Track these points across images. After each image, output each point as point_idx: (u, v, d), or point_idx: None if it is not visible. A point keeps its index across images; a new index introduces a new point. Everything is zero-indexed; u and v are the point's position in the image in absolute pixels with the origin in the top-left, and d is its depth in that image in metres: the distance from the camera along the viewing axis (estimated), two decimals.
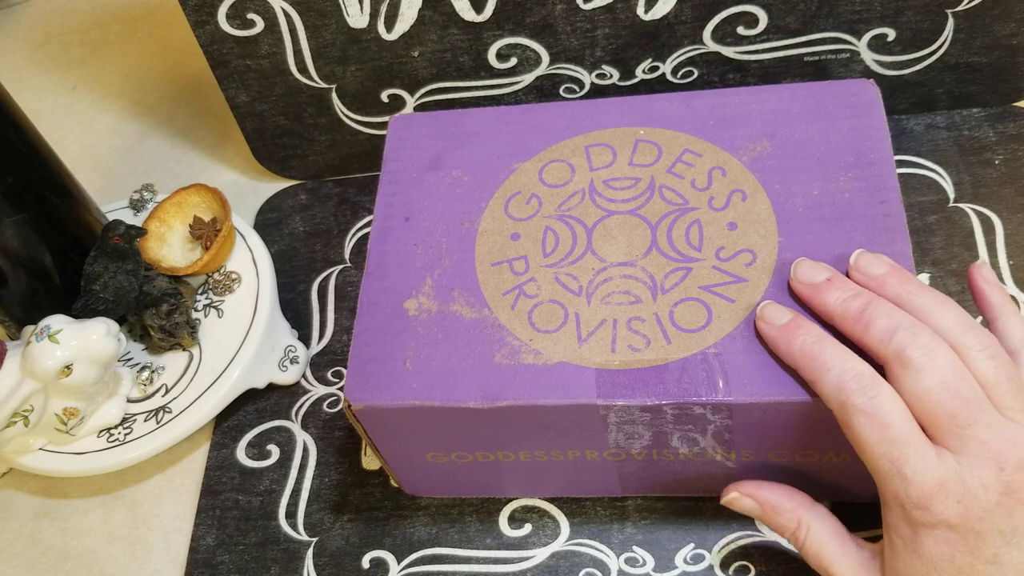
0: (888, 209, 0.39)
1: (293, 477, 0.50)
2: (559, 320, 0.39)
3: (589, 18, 0.52)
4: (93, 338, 0.45)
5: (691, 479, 0.42)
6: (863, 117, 0.42)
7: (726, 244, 0.39)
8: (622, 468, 0.42)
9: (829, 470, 0.39)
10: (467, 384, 0.38)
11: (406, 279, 0.42)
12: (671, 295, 0.39)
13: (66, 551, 0.50)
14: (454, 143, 0.45)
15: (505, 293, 0.40)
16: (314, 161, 0.62)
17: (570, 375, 0.37)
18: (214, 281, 0.53)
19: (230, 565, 0.47)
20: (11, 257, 0.49)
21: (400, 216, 0.44)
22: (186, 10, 0.53)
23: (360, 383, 0.39)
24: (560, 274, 0.40)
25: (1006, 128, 0.54)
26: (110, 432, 0.49)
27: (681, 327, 0.38)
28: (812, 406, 0.35)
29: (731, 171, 0.42)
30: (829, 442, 0.37)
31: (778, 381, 0.36)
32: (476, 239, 0.42)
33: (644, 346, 0.37)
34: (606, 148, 0.44)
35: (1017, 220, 0.51)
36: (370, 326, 0.41)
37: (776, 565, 0.42)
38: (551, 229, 0.42)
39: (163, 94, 0.73)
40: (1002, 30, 0.52)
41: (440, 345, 0.39)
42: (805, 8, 0.51)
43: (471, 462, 0.42)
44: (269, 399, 0.53)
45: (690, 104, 0.44)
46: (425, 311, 0.40)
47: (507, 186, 0.43)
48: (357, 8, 0.53)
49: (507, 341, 0.39)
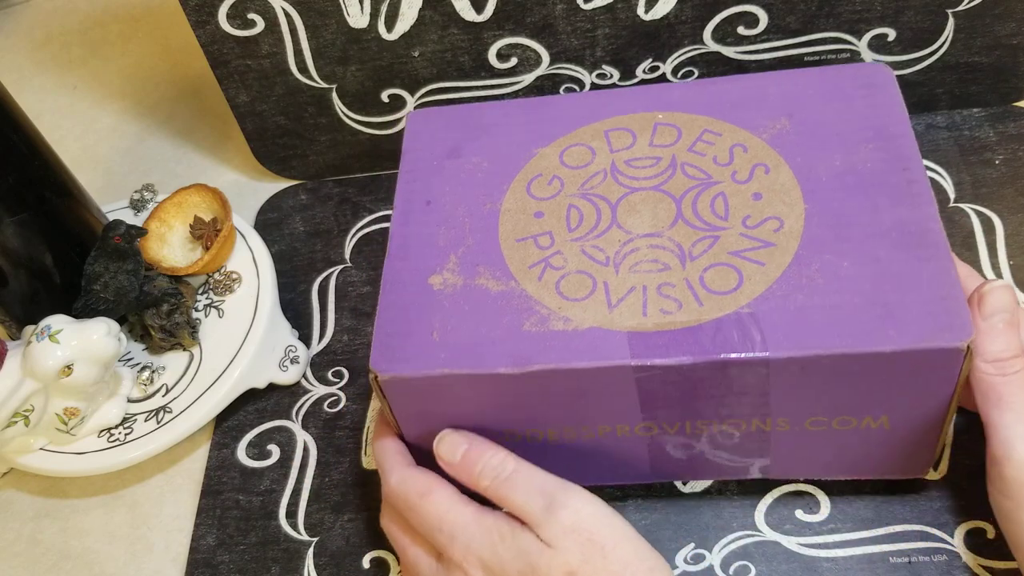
0: (912, 176, 0.39)
1: (293, 477, 0.50)
2: (588, 289, 0.38)
3: (589, 18, 0.52)
4: (94, 338, 0.45)
5: (724, 459, 0.41)
6: (879, 96, 0.42)
7: (752, 213, 0.39)
8: (653, 447, 0.40)
9: (866, 441, 0.39)
10: (497, 352, 0.37)
11: (429, 258, 0.41)
12: (700, 261, 0.38)
13: (66, 551, 0.50)
14: (472, 133, 0.45)
15: (531, 266, 0.40)
16: (314, 161, 0.62)
17: (601, 339, 0.37)
18: (214, 281, 0.53)
19: (230, 565, 0.47)
20: (11, 257, 0.49)
21: (421, 200, 0.43)
22: (186, 10, 0.53)
23: (386, 354, 0.38)
24: (586, 247, 0.40)
25: (1006, 128, 0.54)
26: (110, 432, 0.49)
27: (712, 290, 0.37)
28: (853, 359, 0.34)
29: (752, 147, 0.42)
30: (868, 403, 0.37)
31: (816, 335, 0.35)
32: (499, 218, 0.42)
33: (676, 309, 0.37)
34: (626, 132, 0.44)
35: (1017, 220, 0.51)
36: (394, 302, 0.40)
37: (776, 565, 0.42)
38: (575, 206, 0.41)
39: (163, 94, 0.73)
40: (1002, 30, 0.52)
41: (467, 317, 0.39)
42: (805, 8, 0.51)
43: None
44: (269, 399, 0.53)
45: (706, 89, 0.44)
46: (451, 286, 0.40)
47: (528, 169, 0.43)
48: (357, 8, 0.53)
49: (535, 310, 0.38)
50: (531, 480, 0.37)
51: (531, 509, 0.36)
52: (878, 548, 0.42)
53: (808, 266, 0.37)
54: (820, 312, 0.36)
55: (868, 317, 0.35)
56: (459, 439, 0.39)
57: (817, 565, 0.42)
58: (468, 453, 0.39)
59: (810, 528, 0.43)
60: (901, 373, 0.35)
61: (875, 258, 0.37)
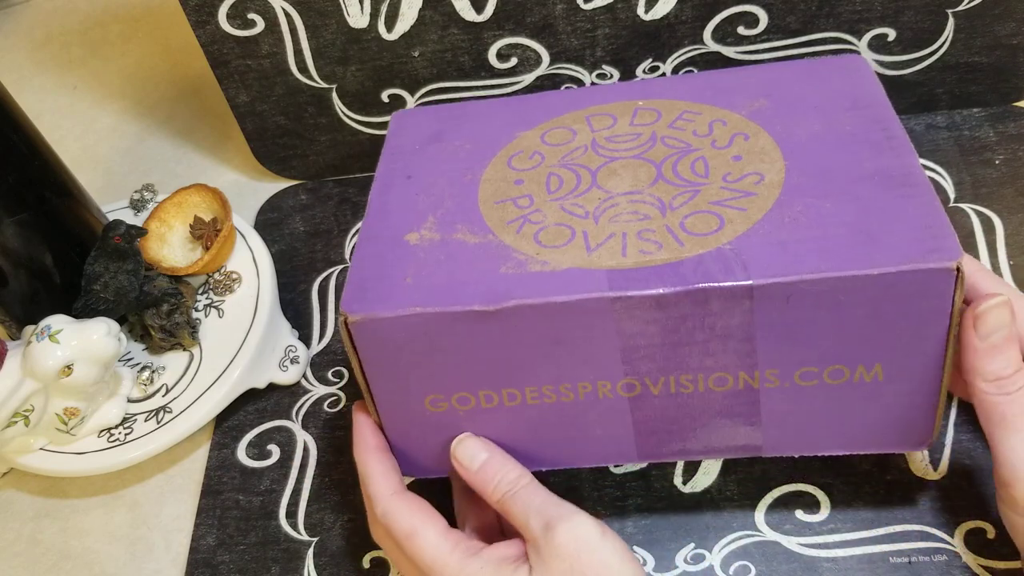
0: (891, 134, 0.39)
1: (293, 477, 0.50)
2: (567, 237, 0.38)
3: (589, 18, 0.52)
4: (93, 338, 0.45)
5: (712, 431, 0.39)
6: (856, 77, 0.42)
7: (732, 171, 0.39)
8: (637, 412, 0.39)
9: (861, 400, 0.37)
10: (472, 291, 0.36)
11: (408, 219, 0.40)
12: (680, 211, 0.38)
13: (66, 551, 0.50)
14: (456, 123, 0.46)
15: (510, 222, 0.39)
16: (314, 161, 0.62)
17: (580, 276, 0.36)
18: (214, 281, 0.53)
19: (230, 565, 0.47)
20: (11, 257, 0.49)
21: (402, 175, 0.43)
22: (186, 10, 0.53)
23: (358, 296, 0.37)
24: (565, 204, 0.39)
25: (1006, 128, 0.54)
26: (110, 432, 0.49)
27: (693, 232, 0.36)
28: (839, 284, 0.34)
29: (731, 122, 0.42)
30: (859, 346, 0.36)
31: (800, 262, 0.34)
32: (479, 186, 0.41)
33: (656, 249, 0.36)
34: (607, 116, 0.44)
35: (1017, 220, 0.51)
36: (369, 254, 0.39)
37: (776, 565, 0.42)
38: (555, 174, 0.41)
39: (163, 94, 0.73)
40: (1002, 30, 0.52)
41: (443, 264, 0.38)
42: (805, 8, 0.51)
43: (473, 410, 0.40)
44: (269, 399, 0.53)
45: (686, 80, 0.45)
46: (427, 240, 0.39)
47: (509, 148, 0.43)
48: (357, 8, 0.53)
49: (513, 257, 0.37)
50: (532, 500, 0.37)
51: (531, 527, 0.36)
52: (878, 548, 0.42)
53: (790, 208, 0.36)
54: (803, 244, 0.35)
55: (853, 243, 0.34)
56: (479, 447, 0.39)
57: (817, 565, 0.42)
58: (488, 464, 0.38)
59: (810, 528, 0.43)
60: (890, 306, 0.34)
61: (857, 197, 0.36)
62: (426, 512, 0.38)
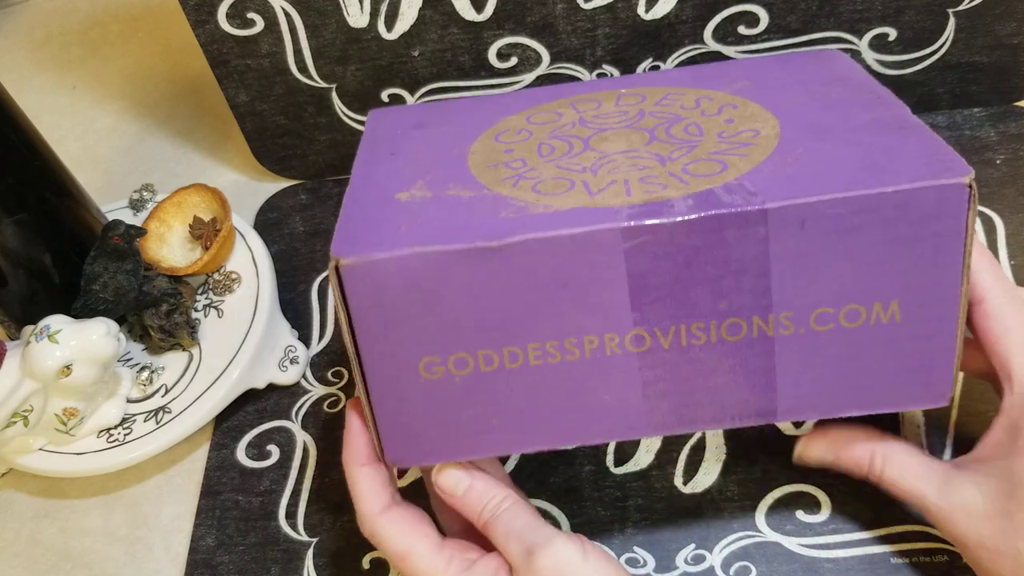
0: (880, 95, 0.39)
1: (293, 477, 0.49)
2: (566, 187, 0.37)
3: (590, 17, 0.52)
4: (93, 338, 0.45)
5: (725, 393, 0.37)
6: (838, 63, 0.43)
7: (726, 130, 0.39)
8: (646, 372, 0.37)
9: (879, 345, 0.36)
10: (472, 232, 0.34)
11: (396, 184, 0.39)
12: (680, 160, 0.37)
13: (66, 551, 0.50)
14: (438, 116, 0.45)
15: (504, 179, 0.38)
16: (314, 161, 0.62)
17: (587, 213, 0.34)
18: (214, 281, 0.53)
19: (230, 565, 0.47)
20: (11, 257, 0.49)
21: (386, 153, 0.42)
22: (186, 10, 0.53)
23: (349, 240, 0.35)
24: (561, 163, 0.39)
25: (1007, 128, 0.54)
26: (110, 432, 0.49)
27: (698, 174, 0.36)
28: (853, 206, 0.33)
29: (717, 97, 0.42)
30: (875, 280, 0.35)
31: (813, 185, 0.34)
32: (468, 158, 0.40)
33: (661, 189, 0.35)
34: (592, 101, 0.44)
35: (1018, 220, 0.51)
36: (357, 211, 0.37)
37: (777, 566, 0.42)
38: (546, 143, 0.41)
39: (163, 94, 0.73)
40: (1003, 29, 0.52)
41: (438, 214, 0.36)
42: (806, 8, 0.51)
43: (471, 375, 0.37)
44: (269, 399, 0.53)
45: (666, 73, 0.46)
46: (419, 198, 0.38)
47: (495, 127, 0.43)
48: (357, 7, 0.53)
49: (512, 204, 0.36)
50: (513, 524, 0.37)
51: (512, 553, 0.36)
52: (879, 549, 0.42)
53: (793, 151, 0.36)
54: (813, 172, 0.34)
55: (864, 166, 0.34)
56: (461, 473, 0.39)
57: (818, 566, 0.42)
58: (472, 489, 0.39)
59: (811, 529, 0.43)
60: (905, 228, 0.34)
61: (859, 142, 0.36)
62: (417, 529, 0.38)
